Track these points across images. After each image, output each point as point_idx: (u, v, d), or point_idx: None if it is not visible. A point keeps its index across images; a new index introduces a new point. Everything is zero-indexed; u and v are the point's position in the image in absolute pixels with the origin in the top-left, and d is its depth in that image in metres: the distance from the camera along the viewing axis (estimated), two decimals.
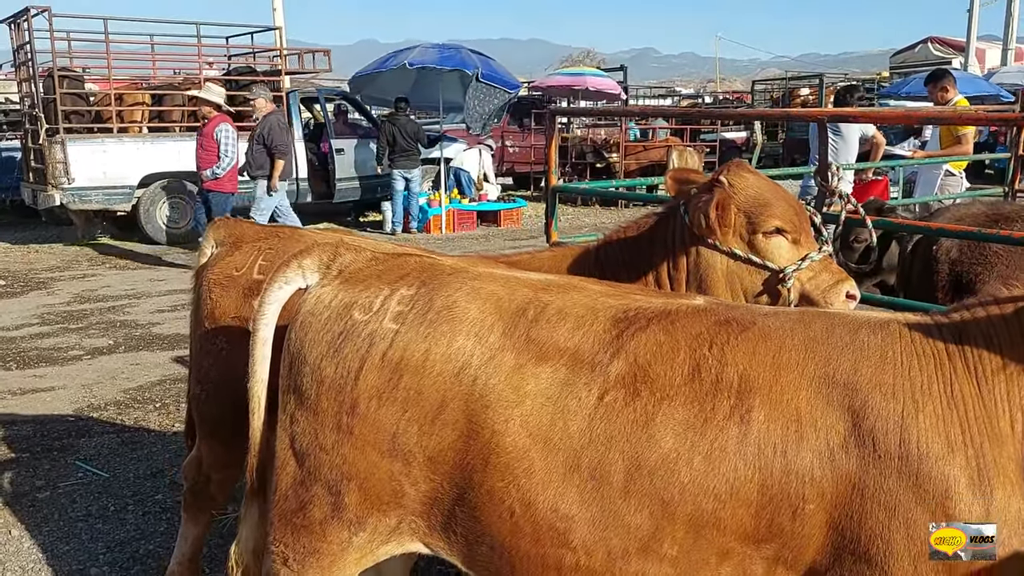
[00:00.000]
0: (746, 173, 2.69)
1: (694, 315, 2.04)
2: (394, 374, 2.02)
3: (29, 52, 13.22)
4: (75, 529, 4.18)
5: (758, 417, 1.85)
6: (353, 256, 2.27)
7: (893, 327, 1.95)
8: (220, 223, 3.21)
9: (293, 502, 2.15)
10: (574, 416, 1.92)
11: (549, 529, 1.93)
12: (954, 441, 1.78)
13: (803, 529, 1.83)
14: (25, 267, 12.00)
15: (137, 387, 6.38)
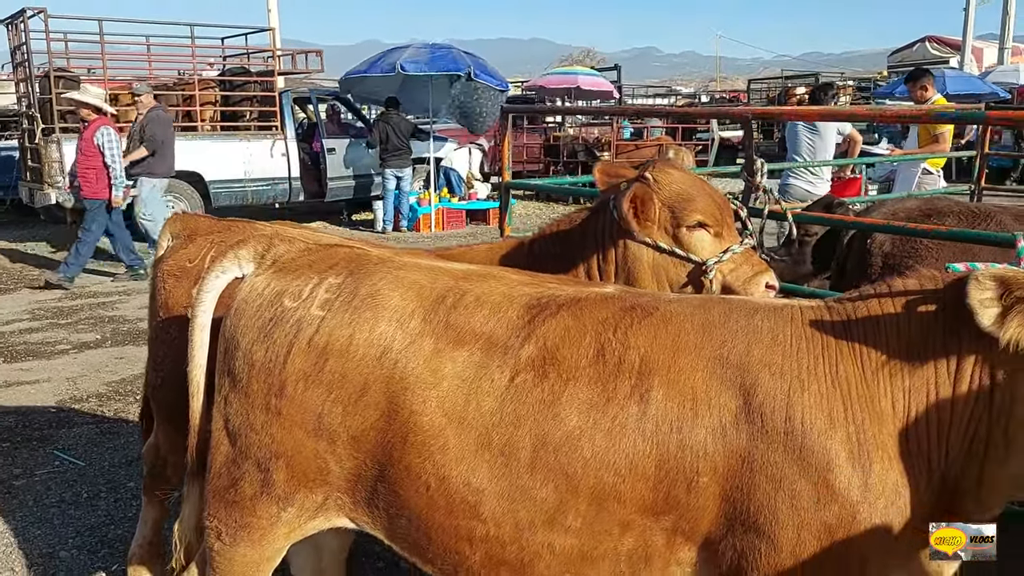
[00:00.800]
0: (671, 169, 2.81)
1: (602, 302, 2.16)
2: (320, 358, 2.14)
3: (25, 53, 13.38)
4: (48, 514, 4.34)
5: (656, 396, 1.97)
6: (287, 247, 2.41)
7: (786, 312, 2.08)
8: (176, 217, 3.35)
9: (226, 479, 2.29)
10: (487, 397, 2.04)
11: (462, 502, 2.06)
12: (836, 418, 1.90)
13: (698, 501, 1.95)
14: (19, 264, 12.16)
15: (120, 380, 6.54)
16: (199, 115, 14.20)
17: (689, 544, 2.00)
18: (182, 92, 14.45)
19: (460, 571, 2.14)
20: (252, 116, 14.74)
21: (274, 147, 14.44)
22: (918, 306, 1.96)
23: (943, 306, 1.93)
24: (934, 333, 1.92)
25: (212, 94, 14.63)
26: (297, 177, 14.69)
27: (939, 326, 1.92)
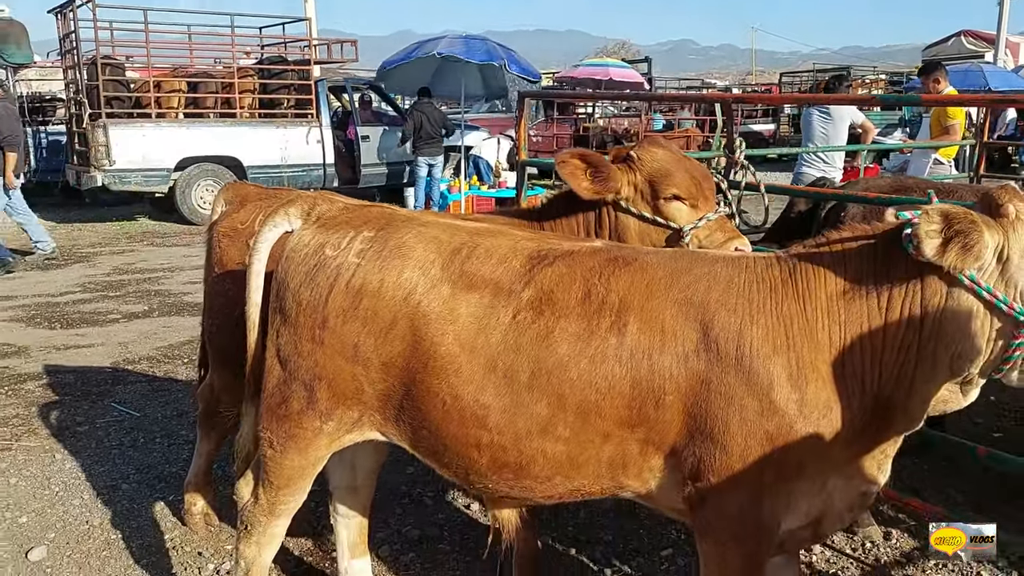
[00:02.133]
0: (654, 148, 3.21)
1: (591, 254, 2.56)
2: (356, 297, 2.57)
3: (74, 41, 14.01)
4: (109, 455, 4.84)
5: (632, 330, 2.36)
6: (328, 206, 2.84)
7: (741, 261, 2.48)
8: (229, 186, 3.81)
9: (277, 397, 2.72)
10: (494, 331, 2.45)
11: (471, 415, 2.47)
12: (779, 347, 2.28)
13: (665, 416, 2.35)
14: (69, 243, 12.80)
15: (168, 345, 7.06)
16: (238, 102, 14.73)
17: (659, 453, 2.40)
18: (222, 80, 15.02)
19: (471, 473, 2.56)
20: (289, 104, 15.29)
21: (310, 134, 14.99)
22: (852, 252, 2.34)
23: (875, 250, 2.30)
24: (866, 274, 2.29)
25: (250, 82, 15.19)
26: (331, 163, 15.26)
27: (871, 267, 2.29)
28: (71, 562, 3.73)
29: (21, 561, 3.73)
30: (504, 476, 2.51)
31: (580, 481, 2.49)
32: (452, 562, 3.75)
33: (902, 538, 3.97)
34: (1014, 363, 2.18)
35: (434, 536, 3.97)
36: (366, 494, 3.29)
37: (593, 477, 2.47)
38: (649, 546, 3.88)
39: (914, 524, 4.07)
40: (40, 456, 4.81)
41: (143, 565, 3.71)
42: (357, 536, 3.31)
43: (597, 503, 4.20)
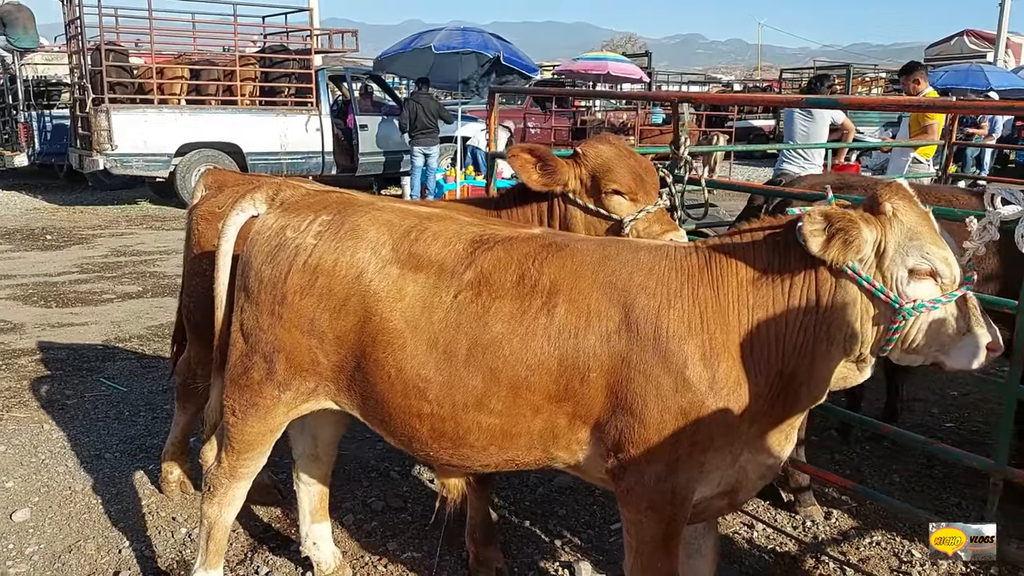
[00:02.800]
0: (600, 144, 3.42)
1: (528, 239, 2.76)
2: (312, 275, 2.76)
3: (79, 27, 14.21)
4: (95, 427, 5.06)
5: (560, 311, 2.56)
6: (291, 192, 3.05)
7: (663, 249, 2.68)
8: (209, 172, 4.02)
9: (240, 368, 2.93)
10: (436, 310, 2.65)
11: (414, 388, 2.67)
12: (693, 329, 2.48)
13: (590, 391, 2.55)
14: (70, 225, 13.04)
15: (159, 325, 7.28)
16: (239, 90, 14.92)
17: (585, 426, 2.61)
18: (224, 67, 15.22)
19: (413, 441, 2.77)
20: (289, 92, 15.48)
21: (309, 122, 15.20)
22: (759, 242, 2.55)
23: (779, 241, 2.52)
24: (771, 262, 2.50)
25: (252, 70, 15.38)
26: (330, 151, 15.48)
27: (775, 256, 2.50)
28: (52, 523, 3.96)
29: (5, 521, 3.95)
30: (443, 445, 2.72)
31: (514, 452, 2.69)
32: (412, 531, 3.96)
33: (842, 518, 4.18)
34: (895, 344, 2.40)
35: (397, 507, 4.19)
36: (327, 463, 3.51)
37: (526, 448, 2.68)
38: (601, 520, 4.09)
39: (855, 505, 4.29)
40: (29, 426, 5.04)
41: (120, 528, 3.93)
42: (318, 502, 3.53)
43: (554, 480, 4.43)
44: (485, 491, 3.64)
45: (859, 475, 4.60)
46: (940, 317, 2.37)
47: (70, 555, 3.70)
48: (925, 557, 3.82)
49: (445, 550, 3.78)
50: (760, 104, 26.14)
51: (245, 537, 3.88)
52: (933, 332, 2.39)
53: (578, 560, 3.69)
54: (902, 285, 2.36)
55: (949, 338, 2.40)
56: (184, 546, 3.78)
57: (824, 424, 5.25)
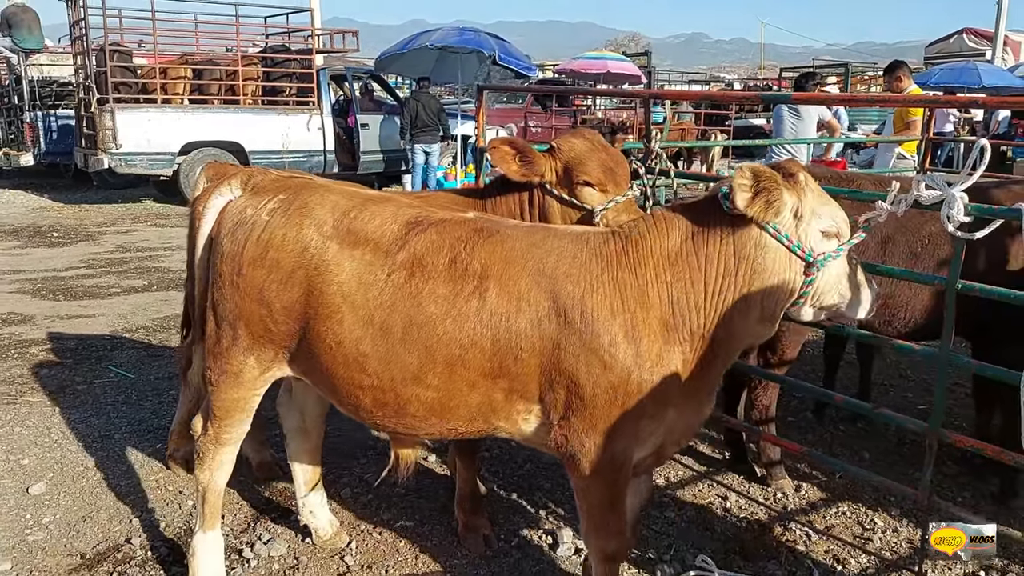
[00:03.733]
0: (574, 139, 3.64)
1: (461, 223, 2.92)
2: (264, 249, 2.95)
3: (83, 28, 14.48)
4: (104, 410, 5.31)
5: (491, 295, 2.73)
6: (262, 177, 3.30)
7: (584, 236, 2.86)
8: (210, 165, 4.26)
9: (213, 338, 3.14)
10: (371, 287, 2.80)
11: (353, 361, 2.84)
12: (616, 310, 2.67)
13: (523, 369, 2.73)
14: (76, 223, 13.31)
15: (163, 316, 7.53)
16: (241, 89, 15.17)
17: (523, 400, 2.80)
18: (226, 67, 15.47)
19: (360, 410, 2.98)
20: (291, 92, 15.72)
21: (311, 121, 15.45)
22: (674, 221, 2.76)
23: (695, 215, 2.73)
24: (686, 237, 2.71)
25: (254, 70, 15.62)
26: (332, 150, 15.73)
27: (691, 231, 2.71)
28: (67, 496, 4.21)
29: (23, 495, 4.21)
30: (387, 414, 2.93)
31: (455, 422, 2.90)
32: (404, 503, 4.21)
33: (811, 490, 4.42)
34: (806, 298, 2.67)
35: (391, 482, 4.41)
36: (316, 435, 3.76)
37: (466, 419, 2.88)
38: None
39: (825, 479, 4.53)
40: (42, 409, 5.29)
41: (130, 500, 4.18)
42: (311, 473, 3.77)
43: (542, 458, 4.67)
44: (473, 463, 3.89)
45: (831, 452, 4.84)
46: (840, 273, 2.69)
47: (84, 524, 3.95)
48: (886, 525, 4.06)
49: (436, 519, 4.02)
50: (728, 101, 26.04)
51: (248, 509, 4.13)
52: (835, 284, 2.70)
53: (560, 528, 3.93)
54: (816, 244, 2.63)
55: (848, 291, 2.73)
56: (191, 516, 4.02)
57: (800, 406, 5.50)
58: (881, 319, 4.11)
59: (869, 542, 3.93)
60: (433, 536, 3.90)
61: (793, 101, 8.06)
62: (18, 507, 4.09)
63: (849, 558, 3.80)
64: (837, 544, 3.91)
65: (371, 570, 3.63)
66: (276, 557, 3.71)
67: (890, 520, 4.12)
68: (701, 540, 3.91)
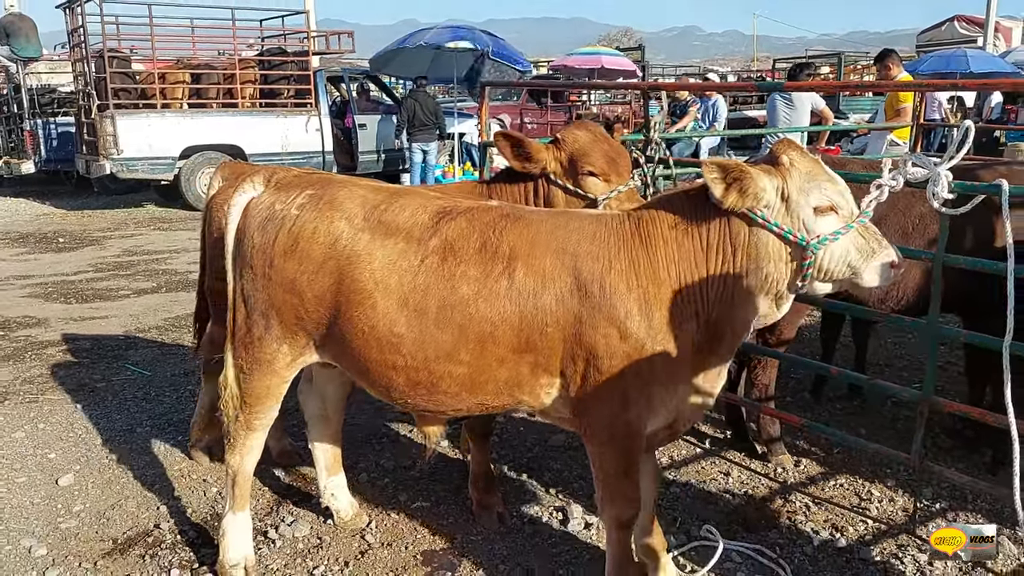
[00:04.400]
0: (577, 131, 3.81)
1: (487, 210, 3.10)
2: (295, 241, 3.11)
3: (82, 35, 14.62)
4: (125, 406, 5.48)
5: (519, 274, 2.90)
6: (284, 174, 3.47)
7: (603, 218, 3.04)
8: (225, 164, 4.42)
9: (244, 328, 3.30)
10: (405, 273, 2.97)
11: (387, 343, 3.01)
12: (631, 286, 2.85)
13: (548, 343, 2.91)
14: (80, 228, 13.46)
15: (175, 316, 7.70)
16: (239, 92, 15.32)
17: (547, 374, 2.98)
18: (224, 71, 15.61)
19: (392, 391, 3.14)
20: (288, 94, 15.88)
21: (309, 123, 15.62)
22: (679, 204, 2.93)
23: (697, 200, 2.88)
24: (691, 220, 2.87)
25: (251, 73, 15.77)
26: (330, 151, 15.91)
27: (694, 215, 2.88)
28: (95, 486, 4.37)
29: (52, 486, 4.37)
30: (419, 392, 3.09)
31: (483, 397, 3.06)
32: (420, 486, 4.38)
33: (810, 465, 4.60)
34: (809, 279, 2.79)
35: (407, 466, 4.60)
36: (336, 421, 3.93)
37: (494, 394, 3.05)
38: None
39: (823, 454, 4.71)
40: (64, 407, 5.46)
41: (156, 489, 4.34)
42: (332, 458, 3.95)
43: (549, 440, 4.85)
44: (485, 445, 4.06)
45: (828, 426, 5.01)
46: (846, 245, 2.75)
47: (113, 512, 4.11)
48: (883, 495, 4.24)
49: (451, 500, 4.19)
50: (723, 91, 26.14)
51: (271, 494, 4.30)
52: (842, 259, 2.76)
53: (570, 504, 4.11)
54: (809, 223, 2.73)
55: (858, 262, 2.77)
56: (216, 502, 4.19)
57: (799, 387, 5.68)
58: (876, 296, 4.30)
59: (866, 511, 4.11)
60: (449, 515, 4.07)
61: (785, 89, 8.23)
62: (49, 497, 4.26)
63: (847, 526, 3.97)
64: (836, 513, 4.09)
65: (391, 547, 3.80)
66: (300, 537, 3.88)
67: (886, 490, 4.29)
68: (705, 513, 4.08)
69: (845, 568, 3.65)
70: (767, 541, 3.82)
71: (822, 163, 2.83)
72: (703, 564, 3.63)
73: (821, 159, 2.89)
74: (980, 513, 4.04)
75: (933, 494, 4.22)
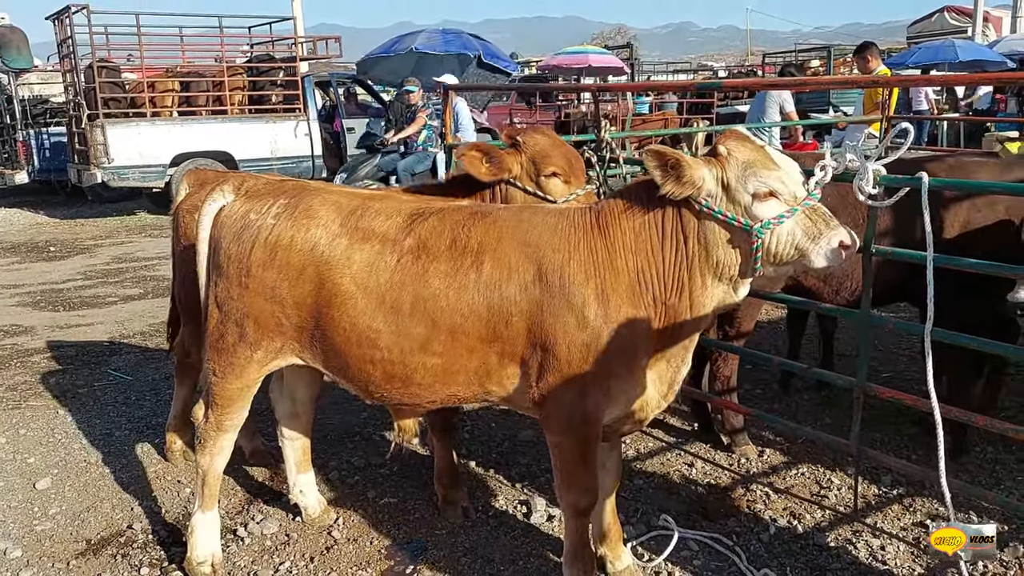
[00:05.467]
0: (538, 135, 3.89)
1: (458, 210, 3.23)
2: (272, 250, 3.22)
3: (71, 46, 14.72)
4: (105, 410, 5.58)
5: (487, 268, 3.03)
6: (254, 182, 3.57)
7: (565, 212, 3.15)
8: (191, 172, 4.52)
9: (216, 334, 3.41)
10: (382, 272, 3.11)
11: (366, 339, 3.14)
12: (589, 275, 2.96)
13: (513, 333, 3.03)
14: (72, 237, 13.57)
15: (160, 322, 7.77)
16: (228, 99, 15.41)
17: (512, 363, 3.09)
18: (213, 78, 15.72)
19: (369, 385, 3.26)
20: (277, 99, 15.98)
21: (297, 128, 15.72)
22: (636, 195, 3.02)
23: (650, 195, 2.96)
24: (646, 211, 2.96)
25: (240, 80, 15.86)
26: (319, 155, 15.99)
27: (649, 206, 2.96)
28: (72, 489, 4.47)
29: (30, 489, 4.47)
30: (395, 385, 3.21)
31: (455, 388, 3.18)
32: (389, 482, 4.47)
33: (773, 455, 4.69)
34: (760, 261, 2.83)
35: (376, 464, 4.69)
36: (306, 420, 4.03)
37: (465, 385, 3.17)
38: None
39: (787, 445, 4.79)
40: (45, 412, 5.56)
41: (131, 490, 4.44)
42: (302, 455, 4.04)
43: (518, 435, 4.94)
44: (448, 440, 4.15)
45: (795, 419, 5.09)
46: (792, 228, 2.79)
47: (88, 514, 4.21)
48: (842, 483, 4.32)
49: (418, 496, 4.29)
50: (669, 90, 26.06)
51: (242, 493, 4.39)
52: (789, 242, 2.81)
53: (533, 497, 4.20)
54: (751, 209, 2.79)
55: (805, 244, 2.80)
56: (188, 503, 4.28)
57: (769, 379, 5.77)
58: (830, 288, 4.39)
59: (825, 499, 4.19)
60: (415, 511, 4.16)
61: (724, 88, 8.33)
62: (26, 501, 4.35)
63: (805, 514, 4.06)
64: (795, 501, 4.18)
65: (356, 543, 3.89)
66: (268, 535, 3.97)
67: (846, 478, 4.37)
68: (667, 503, 4.17)
69: (799, 554, 3.74)
70: (725, 529, 3.91)
71: (767, 151, 2.87)
72: (660, 553, 3.71)
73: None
74: (936, 499, 4.12)
75: (892, 481, 4.31)
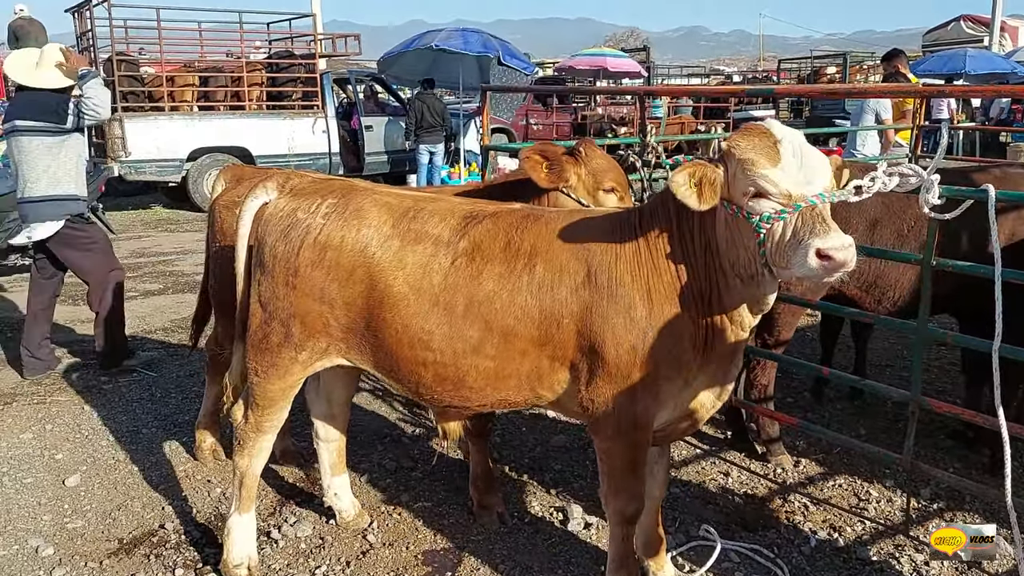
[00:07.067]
0: (592, 148, 3.93)
1: (511, 213, 3.21)
2: (322, 250, 3.19)
3: (91, 38, 14.71)
4: (131, 407, 5.54)
5: (539, 270, 3.01)
6: (299, 180, 3.51)
7: (611, 216, 3.13)
8: (228, 168, 4.48)
9: (260, 334, 3.36)
10: (436, 274, 3.09)
11: (419, 340, 3.11)
12: (635, 277, 2.93)
13: (564, 336, 3.00)
14: None
15: (181, 318, 7.76)
16: (247, 95, 15.39)
17: (563, 367, 3.05)
18: (231, 74, 15.70)
19: (420, 387, 3.21)
20: (296, 96, 15.95)
21: (315, 125, 15.67)
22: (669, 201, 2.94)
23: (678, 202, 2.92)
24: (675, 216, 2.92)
25: (259, 76, 15.84)
26: (337, 152, 15.95)
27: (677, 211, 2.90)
28: (101, 487, 4.43)
29: (60, 487, 4.44)
30: (446, 387, 3.17)
31: (506, 392, 3.14)
32: (421, 485, 4.42)
33: (809, 465, 4.63)
34: (768, 256, 2.64)
35: (408, 467, 4.65)
36: (341, 421, 3.98)
37: (516, 389, 3.13)
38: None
39: (823, 455, 4.74)
40: (71, 408, 5.53)
41: (161, 489, 4.40)
42: (336, 457, 3.99)
43: (550, 441, 4.89)
44: (484, 445, 4.10)
45: (830, 429, 5.04)
46: (783, 231, 2.58)
47: (119, 512, 4.17)
48: (880, 495, 4.26)
49: (452, 500, 4.24)
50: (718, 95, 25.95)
51: (274, 495, 4.35)
52: (779, 245, 2.60)
53: (569, 504, 4.14)
54: (747, 206, 2.64)
55: (788, 249, 2.57)
56: (220, 503, 4.24)
57: (800, 387, 5.71)
58: (872, 298, 4.32)
59: (864, 511, 4.13)
60: (450, 515, 4.11)
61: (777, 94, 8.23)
62: (56, 498, 4.32)
63: (845, 526, 4.00)
64: (834, 513, 4.12)
65: (392, 547, 3.84)
66: (303, 538, 3.92)
67: (884, 491, 4.32)
68: (704, 513, 4.12)
69: (842, 568, 3.68)
70: (765, 541, 3.85)
71: (779, 147, 2.62)
72: (701, 564, 3.66)
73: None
74: (977, 513, 4.08)
75: (931, 494, 4.25)
